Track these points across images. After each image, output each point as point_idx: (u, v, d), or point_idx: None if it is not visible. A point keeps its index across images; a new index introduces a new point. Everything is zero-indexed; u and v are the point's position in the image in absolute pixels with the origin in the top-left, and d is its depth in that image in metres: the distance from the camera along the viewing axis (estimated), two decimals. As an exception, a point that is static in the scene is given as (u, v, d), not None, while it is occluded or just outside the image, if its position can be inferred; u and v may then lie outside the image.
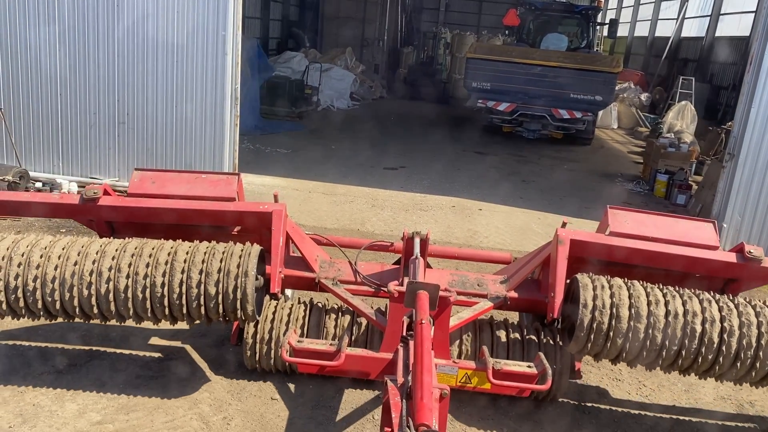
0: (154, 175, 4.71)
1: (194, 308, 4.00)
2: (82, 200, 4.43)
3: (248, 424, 4.23)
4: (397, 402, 2.82)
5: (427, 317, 3.40)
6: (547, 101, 15.27)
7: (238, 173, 4.68)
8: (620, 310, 3.98)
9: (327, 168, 11.29)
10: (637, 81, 23.42)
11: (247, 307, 4.00)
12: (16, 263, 3.97)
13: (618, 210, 4.68)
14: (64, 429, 4.02)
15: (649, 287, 4.13)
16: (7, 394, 4.29)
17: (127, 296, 3.97)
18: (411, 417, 2.60)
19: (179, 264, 3.99)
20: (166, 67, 8.82)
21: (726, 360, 3.95)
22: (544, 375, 3.73)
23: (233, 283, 3.96)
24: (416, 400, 2.66)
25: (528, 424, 4.45)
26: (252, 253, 4.08)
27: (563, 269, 4.29)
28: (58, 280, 3.96)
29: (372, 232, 8.30)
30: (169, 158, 9.21)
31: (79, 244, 4.09)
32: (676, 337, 3.94)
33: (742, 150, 8.65)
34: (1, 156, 9.00)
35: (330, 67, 20.46)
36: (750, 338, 3.93)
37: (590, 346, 4.06)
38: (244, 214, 4.60)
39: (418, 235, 4.76)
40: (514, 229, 9.11)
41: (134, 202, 4.53)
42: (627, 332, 3.96)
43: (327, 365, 3.84)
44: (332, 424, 4.32)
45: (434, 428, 2.45)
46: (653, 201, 11.52)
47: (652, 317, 3.96)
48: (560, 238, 4.37)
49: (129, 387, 4.50)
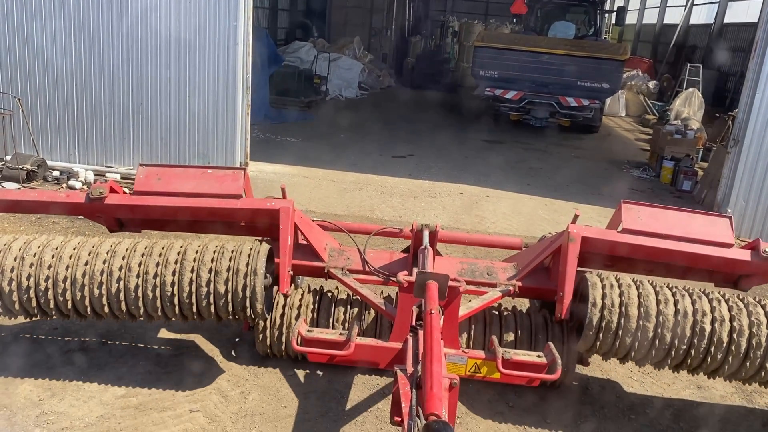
0: (160, 171, 4.62)
1: (204, 307, 4.04)
2: (88, 199, 4.43)
3: (265, 398, 4.43)
4: (406, 391, 2.83)
5: (436, 307, 3.41)
6: (555, 89, 15.33)
7: (244, 168, 4.58)
8: (629, 308, 3.96)
9: (336, 156, 11.45)
10: (645, 68, 23.38)
11: (256, 306, 4.04)
12: (28, 263, 4.04)
13: (632, 205, 4.55)
14: (91, 402, 4.24)
15: (658, 286, 4.11)
16: (36, 370, 4.51)
17: (137, 295, 4.02)
18: (420, 406, 2.60)
19: (189, 263, 4.03)
20: (179, 58, 9.00)
21: (735, 360, 3.94)
22: (554, 364, 3.74)
23: (242, 282, 3.99)
24: (426, 389, 2.67)
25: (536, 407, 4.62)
26: (261, 252, 4.11)
27: (573, 268, 4.26)
28: (69, 280, 4.03)
29: (381, 218, 8.47)
30: (182, 148, 9.41)
31: (89, 244, 4.16)
32: (685, 336, 3.91)
33: (747, 136, 8.76)
34: (19, 146, 9.22)
35: (338, 57, 20.55)
36: (760, 338, 3.90)
37: (599, 345, 4.06)
38: (252, 211, 4.59)
39: (427, 227, 4.74)
40: (521, 215, 9.25)
41: (140, 200, 4.50)
42: (636, 331, 3.94)
43: (337, 355, 3.87)
44: (346, 399, 4.50)
45: (444, 417, 2.47)
46: (659, 187, 11.62)
47: (662, 316, 3.94)
48: (571, 236, 4.30)
49: (151, 366, 4.71)
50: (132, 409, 4.20)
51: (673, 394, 4.95)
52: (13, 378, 4.40)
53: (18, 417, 4.03)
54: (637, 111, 20.60)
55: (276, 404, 4.39)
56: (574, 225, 4.44)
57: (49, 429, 3.95)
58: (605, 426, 4.46)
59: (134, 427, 4.04)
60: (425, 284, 3.59)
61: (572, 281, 4.27)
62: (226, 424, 4.15)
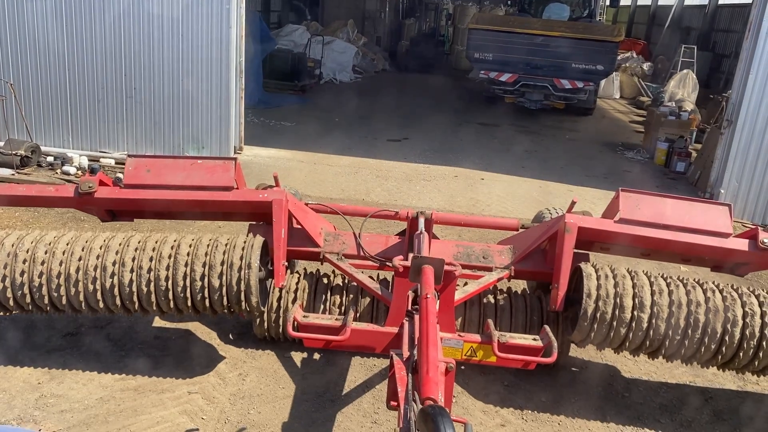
0: (149, 162, 4.52)
1: (199, 301, 4.04)
2: (77, 194, 4.37)
3: (263, 380, 4.47)
4: (402, 376, 2.83)
5: (432, 291, 3.40)
6: (549, 71, 15.30)
7: (235, 158, 4.50)
8: (624, 299, 3.97)
9: (331, 140, 11.44)
10: (639, 50, 23.36)
11: (251, 299, 4.03)
12: (21, 260, 4.02)
13: (630, 193, 4.47)
14: (90, 384, 4.27)
15: (653, 276, 4.13)
16: (35, 354, 4.54)
17: (131, 290, 4.00)
18: (417, 390, 2.60)
19: (182, 257, 4.01)
20: (172, 42, 8.95)
21: (729, 350, 3.96)
22: (550, 348, 3.74)
23: (237, 276, 3.98)
24: (422, 373, 2.66)
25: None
26: (255, 245, 4.08)
27: (569, 260, 4.25)
28: (63, 276, 4.00)
29: (377, 201, 8.49)
30: (176, 131, 9.39)
31: (83, 240, 4.13)
32: (679, 327, 3.93)
33: (740, 116, 8.79)
34: (12, 131, 9.17)
35: (332, 40, 20.43)
36: (753, 328, 3.93)
37: (593, 336, 4.07)
38: (244, 203, 4.53)
39: (423, 214, 4.73)
40: (515, 197, 9.28)
41: (130, 194, 4.43)
42: (630, 322, 3.96)
43: (332, 340, 3.87)
44: (344, 380, 4.55)
45: (440, 401, 2.46)
46: (653, 169, 11.66)
47: (656, 307, 3.95)
48: (568, 226, 4.25)
49: (150, 349, 4.74)
50: (131, 392, 4.24)
51: (666, 371, 5.01)
52: (11, 362, 4.42)
53: (17, 400, 4.06)
54: (631, 93, 20.59)
55: (274, 385, 4.43)
56: (571, 215, 4.39)
57: (49, 412, 3.99)
58: (601, 404, 4.52)
59: (134, 408, 4.08)
60: (421, 269, 3.59)
61: (567, 273, 4.25)
62: (225, 405, 4.19)
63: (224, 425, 4.01)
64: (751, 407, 4.65)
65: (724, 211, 4.42)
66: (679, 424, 4.41)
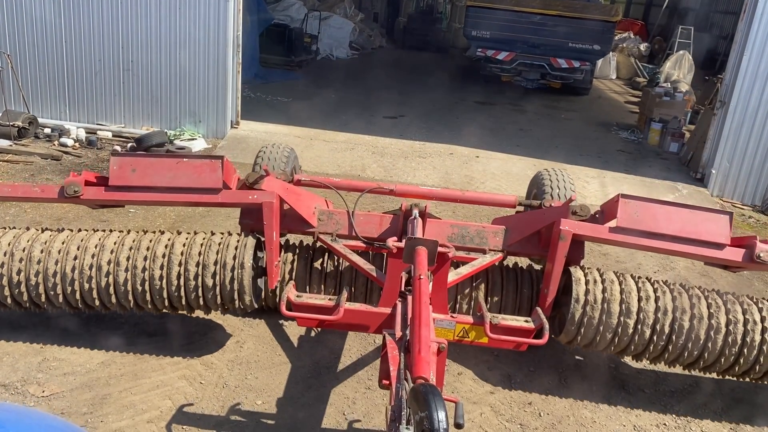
0: (134, 161, 4.41)
1: (193, 299, 4.12)
2: (63, 195, 4.32)
3: (260, 347, 4.60)
4: (395, 355, 2.86)
5: (425, 273, 3.43)
6: (546, 50, 15.33)
7: (222, 156, 4.39)
8: (611, 305, 4.06)
9: (328, 116, 11.47)
10: (636, 31, 23.30)
11: (245, 298, 4.11)
12: (17, 258, 4.09)
13: (629, 200, 4.35)
14: (92, 349, 4.39)
15: (640, 281, 4.22)
16: (37, 320, 4.65)
17: (126, 289, 4.08)
18: (408, 370, 2.64)
19: (176, 257, 4.08)
20: (169, 15, 8.95)
21: (710, 355, 4.09)
22: (542, 329, 3.80)
23: (230, 275, 4.05)
24: (414, 353, 2.70)
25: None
26: (248, 245, 4.14)
27: (560, 268, 4.26)
28: (59, 275, 4.08)
29: (372, 177, 8.57)
30: (173, 105, 9.42)
31: (78, 238, 4.20)
32: (663, 333, 4.05)
33: (733, 98, 8.89)
34: (9, 103, 9.19)
35: (329, 16, 20.32)
36: (735, 335, 4.04)
37: (580, 339, 4.18)
38: (233, 205, 4.51)
39: (417, 207, 4.69)
40: (509, 175, 9.38)
41: (117, 196, 4.41)
42: (617, 327, 4.07)
43: (326, 319, 3.89)
44: (340, 349, 4.68)
45: (431, 381, 2.51)
46: (646, 149, 11.76)
47: (642, 313, 4.05)
48: (563, 234, 4.22)
49: (150, 317, 4.83)
50: (131, 356, 4.36)
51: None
52: (15, 327, 4.53)
53: (20, 363, 4.18)
54: (627, 73, 20.62)
55: (270, 353, 4.56)
56: (567, 221, 4.31)
57: (52, 374, 4.10)
58: (588, 373, 4.67)
59: (134, 372, 4.20)
60: (414, 250, 3.60)
61: (558, 279, 4.27)
62: (222, 370, 4.31)
63: (222, 389, 4.14)
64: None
65: (724, 219, 4.37)
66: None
